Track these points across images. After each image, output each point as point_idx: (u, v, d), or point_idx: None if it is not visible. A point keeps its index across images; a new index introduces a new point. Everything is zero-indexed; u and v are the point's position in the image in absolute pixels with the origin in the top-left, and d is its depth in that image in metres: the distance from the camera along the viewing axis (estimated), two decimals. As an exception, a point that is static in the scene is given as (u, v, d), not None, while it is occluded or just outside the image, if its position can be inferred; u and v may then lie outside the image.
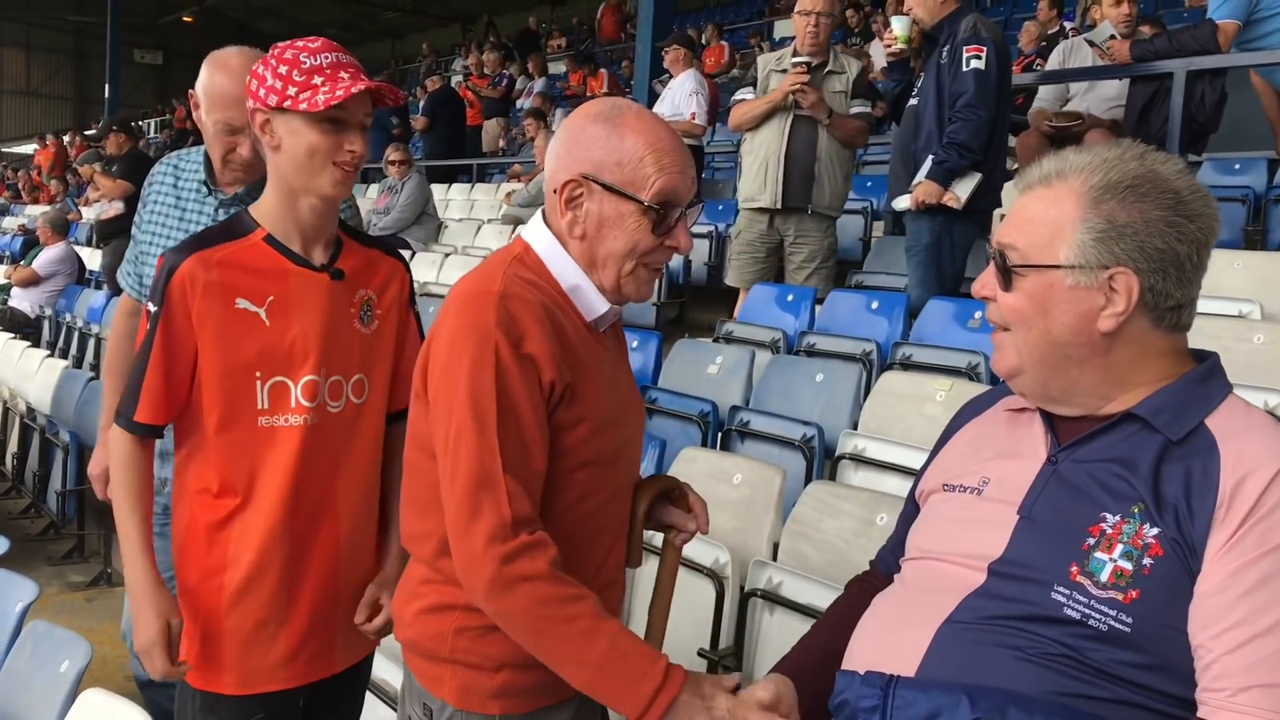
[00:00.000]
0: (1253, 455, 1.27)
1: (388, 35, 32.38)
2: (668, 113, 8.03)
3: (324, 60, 1.86)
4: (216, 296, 1.87)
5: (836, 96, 5.35)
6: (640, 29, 12.14)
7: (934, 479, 1.62)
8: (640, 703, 1.46)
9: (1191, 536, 1.26)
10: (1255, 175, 6.58)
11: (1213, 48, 5.09)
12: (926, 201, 4.58)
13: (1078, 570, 1.30)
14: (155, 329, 1.87)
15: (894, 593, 1.52)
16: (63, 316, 8.60)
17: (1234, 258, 4.59)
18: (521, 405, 1.53)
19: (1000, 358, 1.47)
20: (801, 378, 4.27)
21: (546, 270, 1.65)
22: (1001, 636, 1.32)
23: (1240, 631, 1.20)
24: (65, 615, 4.41)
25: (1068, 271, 1.37)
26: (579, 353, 1.62)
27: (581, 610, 1.49)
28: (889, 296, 5.04)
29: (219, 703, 1.91)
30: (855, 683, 1.33)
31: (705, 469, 3.30)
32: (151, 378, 1.88)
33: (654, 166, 1.59)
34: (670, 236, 1.64)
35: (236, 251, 1.91)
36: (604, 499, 1.68)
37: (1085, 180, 1.38)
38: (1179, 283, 1.36)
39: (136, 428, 1.91)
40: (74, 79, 36.32)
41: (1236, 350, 3.52)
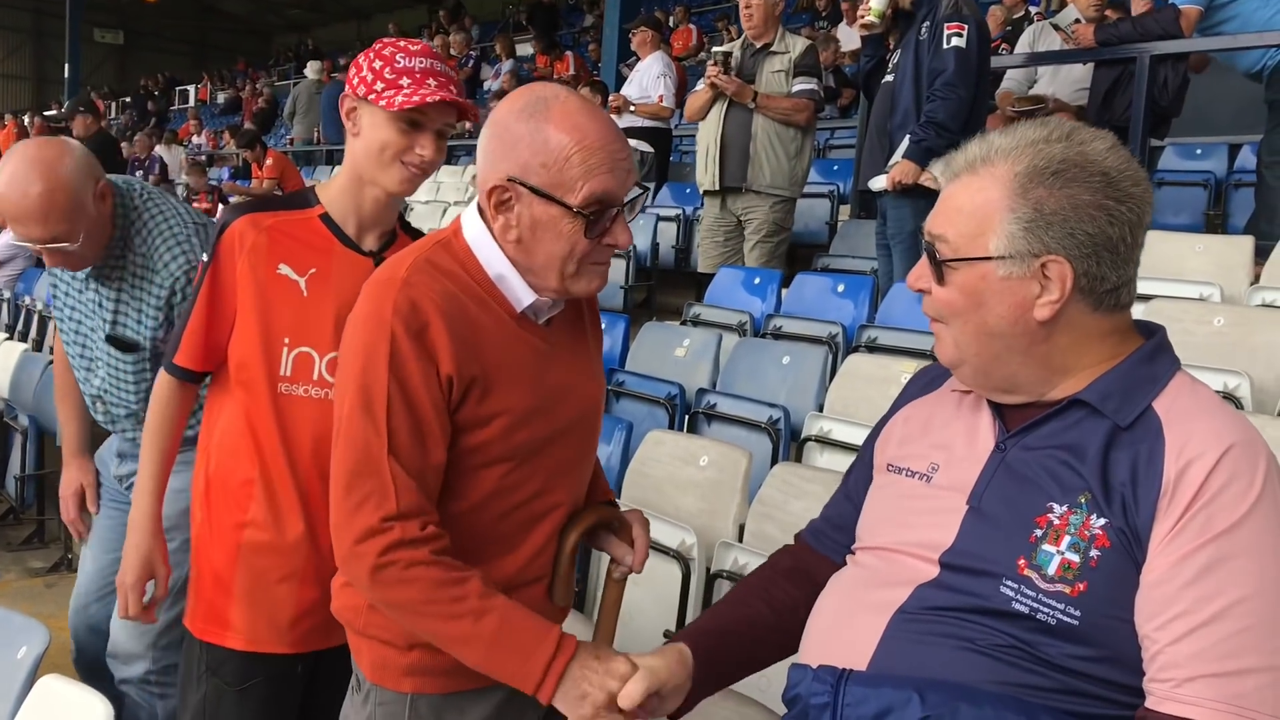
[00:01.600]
0: (1198, 440, 1.25)
1: (354, 15, 32.06)
2: (635, 95, 8.02)
3: (417, 64, 1.92)
4: (261, 257, 1.94)
5: (775, 76, 5.43)
6: (608, 12, 12.11)
7: (883, 453, 1.59)
8: (535, 673, 1.46)
9: (1137, 525, 1.25)
10: (1216, 160, 6.65)
11: (1175, 32, 5.12)
12: (903, 182, 4.58)
13: (1025, 563, 1.29)
14: (204, 279, 1.97)
15: (847, 581, 1.51)
16: (21, 299, 8.45)
17: (1195, 241, 4.64)
18: (417, 395, 1.50)
19: (941, 349, 1.45)
20: (768, 360, 4.28)
21: (473, 258, 1.60)
22: (952, 628, 1.31)
23: (1185, 621, 1.19)
24: (25, 601, 4.36)
25: (999, 263, 1.33)
26: (495, 345, 1.57)
27: (467, 591, 1.47)
28: (855, 279, 5.06)
29: (222, 663, 1.94)
30: (807, 678, 1.32)
31: (672, 451, 3.30)
32: (194, 325, 1.98)
33: (581, 168, 1.49)
34: (608, 235, 1.56)
35: (290, 221, 1.98)
36: (530, 492, 1.63)
37: (1011, 166, 1.33)
38: (1114, 265, 1.32)
39: (176, 370, 2.02)
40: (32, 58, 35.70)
41: (1197, 333, 3.55)
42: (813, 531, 1.74)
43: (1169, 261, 4.44)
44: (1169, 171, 6.59)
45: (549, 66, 14.19)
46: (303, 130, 14.28)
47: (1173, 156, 6.84)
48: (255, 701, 1.96)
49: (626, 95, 8.09)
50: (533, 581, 1.67)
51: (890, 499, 1.51)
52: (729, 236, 5.67)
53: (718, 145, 5.54)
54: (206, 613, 1.97)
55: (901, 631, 1.35)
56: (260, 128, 14.75)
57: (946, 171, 1.43)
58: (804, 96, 5.43)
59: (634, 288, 6.73)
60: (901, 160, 4.60)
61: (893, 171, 4.62)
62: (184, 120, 23.98)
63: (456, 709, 1.64)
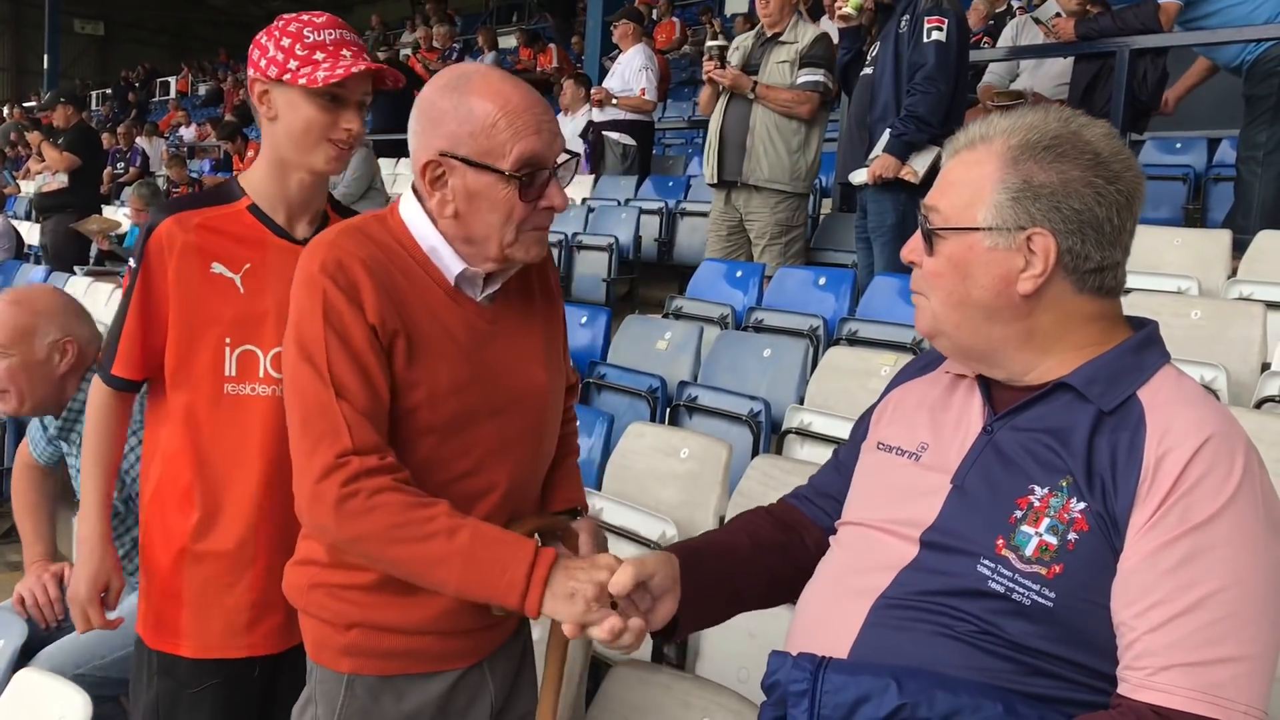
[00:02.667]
0: (1178, 429, 1.26)
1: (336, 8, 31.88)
2: (617, 88, 8.01)
3: (327, 36, 1.88)
4: (193, 258, 1.88)
5: (780, 67, 5.31)
6: (591, 5, 12.08)
7: (874, 434, 1.61)
8: (518, 582, 1.45)
9: (1115, 511, 1.26)
10: (1196, 154, 6.68)
11: (1155, 26, 5.15)
12: (883, 176, 4.59)
13: (1003, 543, 1.30)
14: (134, 284, 1.91)
15: (831, 567, 1.52)
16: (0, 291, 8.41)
17: (1174, 235, 4.66)
18: (354, 343, 1.52)
19: (920, 319, 1.47)
20: (749, 353, 4.28)
21: (408, 232, 1.63)
22: (930, 614, 1.32)
23: (1162, 610, 1.20)
24: (4, 595, 4.32)
25: (985, 233, 1.35)
26: (423, 313, 1.58)
27: (436, 511, 1.48)
28: (836, 273, 5.07)
29: (175, 665, 1.91)
30: (786, 665, 1.33)
31: (653, 444, 3.30)
32: (129, 332, 1.92)
33: (508, 131, 1.52)
34: (543, 198, 1.57)
35: (218, 217, 1.93)
36: (462, 470, 1.62)
37: (1005, 141, 1.36)
38: (1098, 244, 1.34)
39: (114, 381, 1.96)
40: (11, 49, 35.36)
41: (1175, 326, 3.57)
42: (798, 496, 1.76)
43: (1147, 255, 4.46)
44: (1148, 165, 6.62)
45: (532, 59, 14.16)
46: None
47: (1152, 150, 6.87)
48: (210, 703, 1.92)
49: (609, 88, 8.08)
50: None
51: (878, 476, 1.53)
52: (732, 231, 5.61)
53: (717, 137, 5.50)
54: (157, 622, 1.94)
55: (883, 618, 1.36)
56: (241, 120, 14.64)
57: (948, 150, 1.46)
58: (809, 88, 5.28)
59: (617, 281, 6.73)
60: (882, 154, 4.61)
61: (873, 165, 4.63)
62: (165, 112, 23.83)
63: (395, 693, 1.64)
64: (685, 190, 7.73)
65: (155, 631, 1.93)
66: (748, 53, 5.52)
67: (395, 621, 1.62)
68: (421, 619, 1.62)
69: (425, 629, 1.63)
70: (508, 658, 1.79)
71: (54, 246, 9.04)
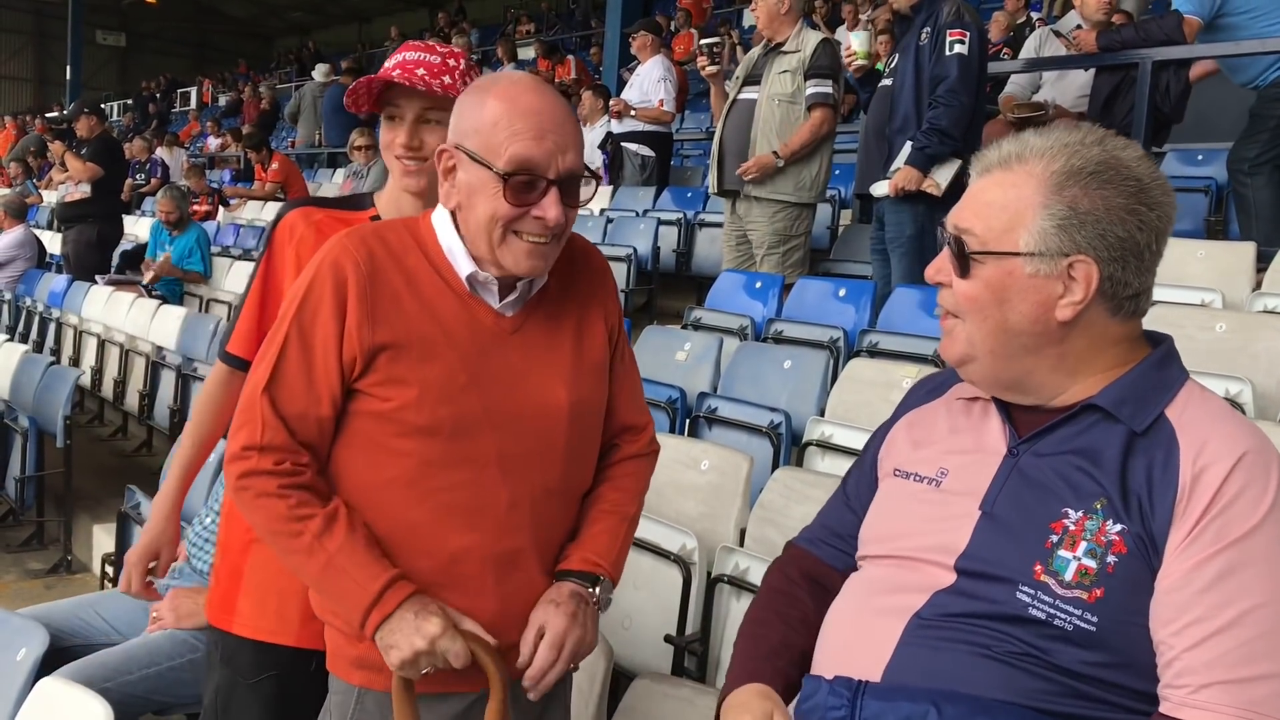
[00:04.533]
0: (1213, 447, 1.26)
1: (355, 18, 32.12)
2: (636, 99, 8.02)
3: (408, 55, 1.97)
4: (308, 249, 1.92)
5: (781, 77, 5.24)
6: (609, 15, 12.12)
7: (886, 461, 1.57)
8: (355, 617, 1.52)
9: (1153, 531, 1.25)
10: (1217, 166, 6.64)
11: (1179, 39, 5.13)
12: (906, 188, 4.58)
13: (1042, 569, 1.28)
14: (257, 269, 2.02)
15: (861, 586, 1.49)
16: (23, 301, 8.47)
17: (1196, 247, 4.64)
18: (312, 346, 1.57)
19: (950, 345, 1.43)
20: (769, 365, 4.27)
21: (432, 230, 1.67)
22: (967, 634, 1.30)
23: (1201, 628, 1.20)
24: (24, 602, 4.34)
25: (1027, 259, 1.33)
26: (424, 313, 1.60)
27: (304, 528, 1.53)
28: (857, 284, 5.06)
29: (237, 652, 1.92)
30: (823, 689, 1.31)
31: (673, 455, 3.29)
32: (247, 313, 2.01)
33: (506, 132, 1.54)
34: (536, 207, 1.56)
35: (339, 218, 2.01)
36: (456, 480, 1.59)
37: (1047, 165, 1.34)
38: (1138, 271, 1.33)
39: (229, 359, 2.04)
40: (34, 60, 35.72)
41: (1199, 339, 3.55)
42: (810, 540, 1.68)
43: (1170, 267, 4.41)
44: (1170, 178, 6.53)
45: (550, 70, 14.19)
46: (305, 133, 14.28)
47: (1174, 163, 6.83)
48: (266, 696, 1.91)
49: (627, 99, 8.09)
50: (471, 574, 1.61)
51: (899, 504, 1.50)
52: (740, 241, 5.59)
53: (718, 147, 5.50)
54: (220, 600, 1.96)
55: (917, 637, 1.34)
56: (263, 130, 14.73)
57: (977, 166, 1.43)
58: (817, 100, 5.16)
59: (635, 291, 6.73)
60: (904, 167, 4.59)
61: (895, 178, 4.62)
62: (185, 122, 23.98)
63: None
64: (704, 201, 7.72)
65: (218, 610, 1.96)
66: (752, 63, 5.49)
67: None
68: None
69: None
70: None
71: (76, 256, 9.09)
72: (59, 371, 5.56)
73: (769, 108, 5.26)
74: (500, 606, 1.63)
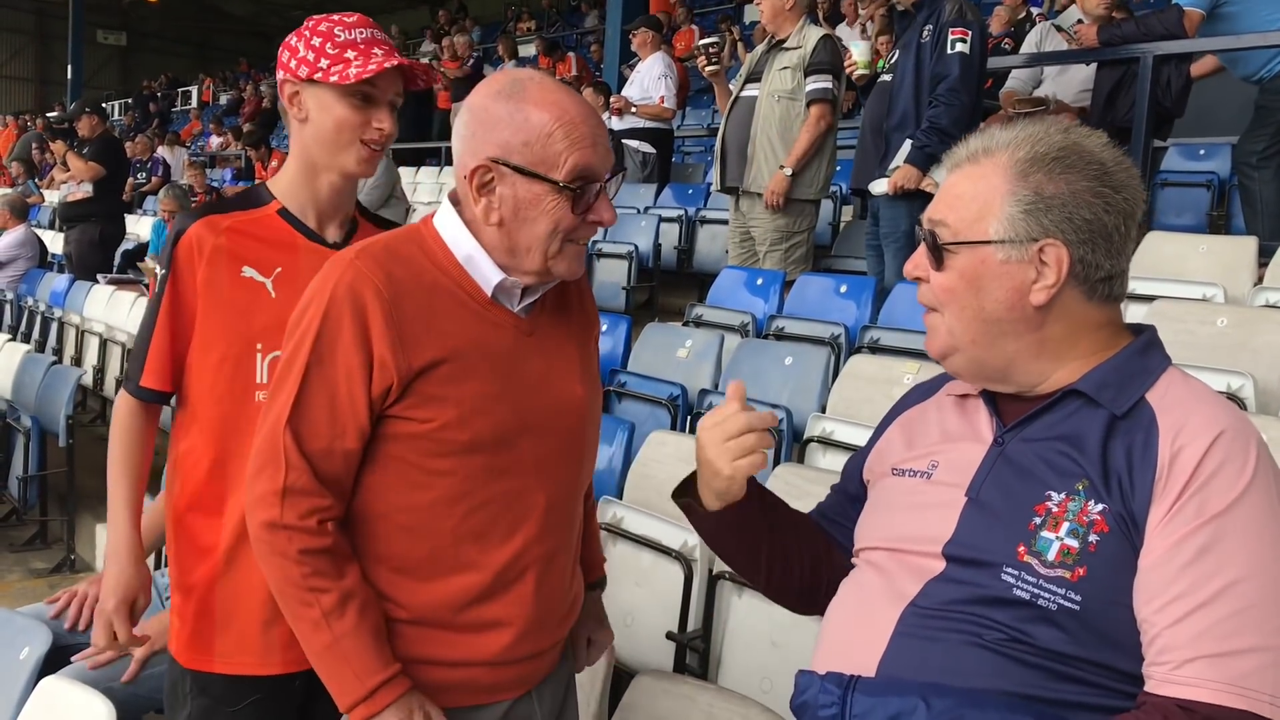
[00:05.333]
0: (1192, 426, 1.27)
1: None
2: (636, 96, 8.02)
3: (358, 35, 1.85)
4: (223, 262, 1.84)
5: (782, 74, 5.22)
6: (610, 13, 12.10)
7: (879, 464, 1.60)
8: (343, 702, 1.52)
9: (1133, 510, 1.26)
10: (1219, 161, 6.64)
11: (1179, 33, 5.12)
12: (905, 187, 4.57)
13: (1025, 550, 1.30)
14: (163, 292, 1.86)
15: (856, 582, 1.52)
16: (24, 300, 8.48)
17: (1198, 242, 4.63)
18: (334, 377, 1.51)
19: (933, 339, 1.46)
20: (770, 361, 4.27)
21: (441, 242, 1.60)
22: (959, 623, 1.32)
23: (1183, 603, 1.20)
24: (27, 602, 4.34)
25: (998, 246, 1.36)
26: (450, 330, 1.55)
27: (316, 601, 1.51)
28: (857, 280, 5.05)
29: (211, 683, 1.85)
30: (815, 685, 1.33)
31: (674, 452, 3.30)
32: (158, 342, 1.86)
33: (564, 142, 1.50)
34: (592, 212, 1.56)
35: (248, 220, 1.89)
36: (499, 492, 1.59)
37: (1011, 154, 1.37)
38: (1108, 253, 1.36)
39: (142, 393, 1.90)
40: (35, 60, 35.70)
41: (1200, 334, 3.54)
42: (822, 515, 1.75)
43: (1172, 262, 4.43)
44: (1172, 172, 6.58)
45: (551, 68, 14.18)
46: (307, 131, 14.25)
47: (1176, 157, 6.83)
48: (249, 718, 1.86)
49: (628, 96, 8.09)
50: (514, 581, 1.61)
51: (892, 501, 1.52)
52: (744, 238, 5.58)
53: (720, 144, 5.51)
54: (190, 639, 1.86)
55: (912, 628, 1.35)
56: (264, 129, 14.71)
57: (948, 163, 1.46)
58: (817, 96, 5.13)
59: (636, 288, 6.73)
60: (903, 165, 4.59)
61: (894, 176, 4.62)
62: (186, 121, 23.99)
63: None
64: (705, 198, 7.73)
65: (189, 649, 1.86)
66: (755, 60, 5.48)
67: (439, 655, 1.59)
68: (468, 652, 1.60)
69: (474, 661, 1.60)
70: (555, 684, 1.76)
71: (78, 256, 9.11)
72: (61, 371, 5.57)
73: (769, 104, 5.26)
74: (538, 611, 1.65)
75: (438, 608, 1.58)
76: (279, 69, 1.89)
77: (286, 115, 1.91)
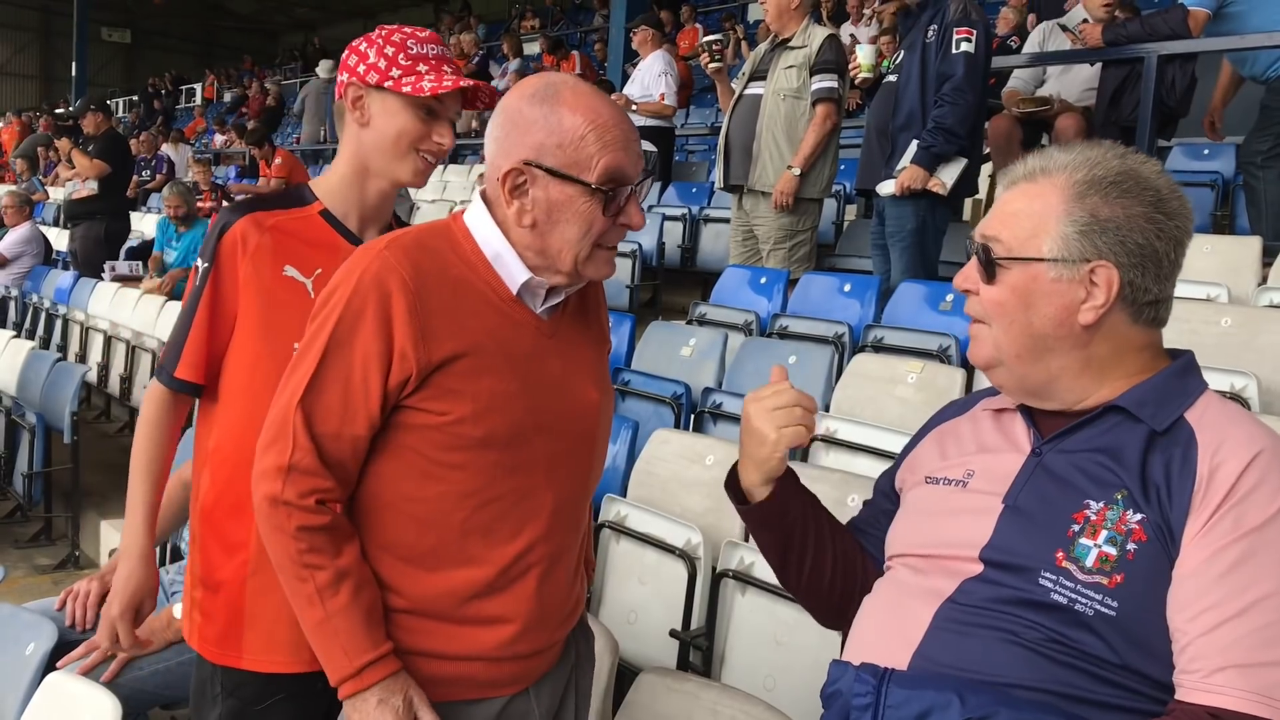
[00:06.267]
0: (1231, 444, 1.30)
1: (359, 14, 32.10)
2: (637, 94, 8.03)
3: (430, 51, 1.88)
4: (266, 260, 1.84)
5: (787, 73, 5.23)
6: (614, 12, 12.11)
7: (912, 474, 1.62)
8: (332, 677, 1.55)
9: (1171, 520, 1.28)
10: (1224, 160, 6.63)
11: (1184, 32, 5.11)
12: (912, 187, 4.57)
13: (1064, 556, 1.32)
14: (203, 285, 1.86)
15: (891, 579, 1.53)
16: (29, 297, 8.49)
17: (1203, 242, 4.63)
18: (351, 362, 1.52)
19: (978, 349, 1.48)
20: (774, 359, 4.25)
21: (471, 239, 1.61)
22: (995, 620, 1.33)
23: (1215, 613, 1.22)
24: (32, 598, 4.33)
25: (1050, 264, 1.38)
26: (472, 326, 1.56)
27: (311, 577, 1.53)
28: (861, 279, 5.06)
29: (241, 684, 1.85)
30: (848, 675, 1.34)
31: (678, 450, 3.30)
32: (196, 334, 1.87)
33: (596, 145, 1.52)
34: (623, 215, 1.58)
35: (291, 219, 1.90)
36: (511, 487, 1.60)
37: (1070, 175, 1.40)
38: (1157, 278, 1.39)
39: (176, 384, 1.90)
40: (40, 57, 35.76)
41: (1205, 333, 3.55)
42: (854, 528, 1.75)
43: (1176, 261, 4.42)
44: (1176, 172, 6.57)
45: (555, 66, 14.19)
46: (311, 130, 14.28)
47: (1180, 157, 6.82)
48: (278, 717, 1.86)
49: (629, 94, 8.10)
50: (518, 578, 1.62)
51: (926, 507, 1.54)
52: (747, 236, 5.58)
53: (724, 142, 5.50)
54: (218, 636, 1.86)
55: (948, 621, 1.37)
56: (268, 126, 14.72)
57: (1004, 180, 1.49)
58: (822, 95, 5.13)
59: (640, 287, 6.73)
60: (910, 165, 4.59)
61: (901, 177, 4.62)
62: (191, 118, 23.99)
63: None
64: (708, 196, 7.73)
65: (218, 646, 1.85)
66: (759, 58, 5.48)
67: (439, 648, 1.60)
68: (468, 646, 1.60)
69: (473, 655, 1.61)
70: (554, 682, 1.75)
71: (83, 253, 9.12)
72: (66, 368, 5.57)
73: (774, 103, 5.26)
74: (539, 610, 1.65)
75: (440, 599, 1.59)
76: (342, 71, 1.91)
77: (343, 117, 1.92)
